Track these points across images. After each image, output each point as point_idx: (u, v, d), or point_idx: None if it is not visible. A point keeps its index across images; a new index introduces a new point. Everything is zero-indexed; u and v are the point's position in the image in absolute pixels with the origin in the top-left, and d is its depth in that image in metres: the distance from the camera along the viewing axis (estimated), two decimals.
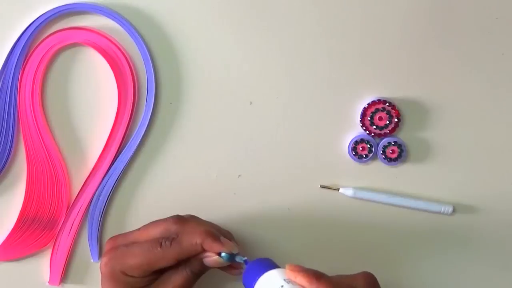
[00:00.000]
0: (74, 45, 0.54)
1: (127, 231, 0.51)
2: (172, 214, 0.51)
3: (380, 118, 0.54)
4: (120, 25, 0.53)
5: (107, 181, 0.55)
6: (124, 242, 0.50)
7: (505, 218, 0.56)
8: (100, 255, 0.56)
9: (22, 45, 0.53)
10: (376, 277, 0.45)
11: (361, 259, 0.57)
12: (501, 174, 0.56)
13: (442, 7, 0.54)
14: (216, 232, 0.49)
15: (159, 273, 0.49)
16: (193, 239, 0.48)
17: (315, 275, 0.44)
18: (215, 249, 0.48)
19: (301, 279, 0.43)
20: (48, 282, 0.56)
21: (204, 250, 0.48)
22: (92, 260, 0.56)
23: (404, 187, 0.56)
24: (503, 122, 0.55)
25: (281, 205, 0.56)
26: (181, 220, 0.50)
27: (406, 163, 0.56)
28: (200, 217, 0.52)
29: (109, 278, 0.49)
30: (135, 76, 0.54)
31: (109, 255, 0.49)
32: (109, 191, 0.55)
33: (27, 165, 0.55)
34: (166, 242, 0.48)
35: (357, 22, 0.54)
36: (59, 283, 0.56)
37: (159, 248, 0.47)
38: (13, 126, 0.54)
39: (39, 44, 0.53)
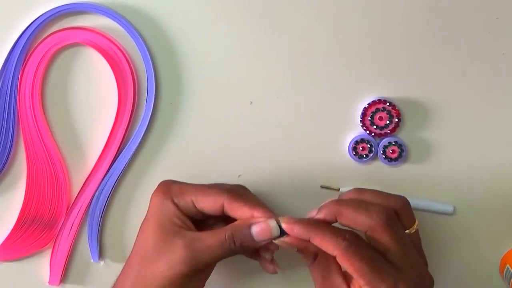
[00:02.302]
0: (74, 45, 0.54)
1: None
2: None
3: (381, 118, 0.54)
4: (120, 25, 0.53)
5: (107, 181, 0.55)
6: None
7: (505, 218, 0.56)
8: (100, 255, 0.56)
9: (22, 45, 0.53)
10: None
11: None
12: (501, 174, 0.56)
13: (442, 7, 0.54)
14: None
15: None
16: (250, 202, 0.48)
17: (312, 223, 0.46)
18: (268, 214, 0.47)
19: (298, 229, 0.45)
20: (48, 282, 0.56)
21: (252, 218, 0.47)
22: (92, 260, 0.56)
23: (404, 187, 0.56)
24: (503, 122, 0.55)
25: (281, 205, 0.56)
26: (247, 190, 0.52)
27: (406, 163, 0.56)
28: None
29: (155, 209, 0.48)
30: (135, 76, 0.54)
31: (161, 187, 0.50)
32: (109, 191, 0.55)
33: (27, 165, 0.55)
34: (224, 188, 0.49)
35: (357, 22, 0.54)
36: (59, 283, 0.56)
37: (214, 188, 0.48)
38: (13, 126, 0.54)
39: (39, 44, 0.53)
